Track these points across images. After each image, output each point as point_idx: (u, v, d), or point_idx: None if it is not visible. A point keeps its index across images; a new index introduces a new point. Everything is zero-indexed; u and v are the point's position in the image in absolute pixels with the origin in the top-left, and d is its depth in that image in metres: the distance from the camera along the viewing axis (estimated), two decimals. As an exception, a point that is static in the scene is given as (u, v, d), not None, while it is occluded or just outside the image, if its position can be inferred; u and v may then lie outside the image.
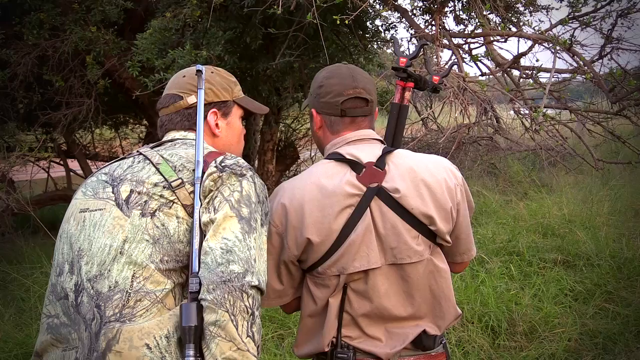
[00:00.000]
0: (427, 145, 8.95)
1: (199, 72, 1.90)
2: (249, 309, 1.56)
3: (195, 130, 1.90)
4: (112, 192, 1.74)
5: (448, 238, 1.97)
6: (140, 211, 1.68)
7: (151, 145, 1.92)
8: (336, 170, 1.93)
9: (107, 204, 1.72)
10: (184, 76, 1.98)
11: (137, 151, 1.88)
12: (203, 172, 1.71)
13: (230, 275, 1.55)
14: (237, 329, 1.53)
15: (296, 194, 1.93)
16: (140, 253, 1.64)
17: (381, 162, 1.93)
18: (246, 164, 1.79)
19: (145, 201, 1.70)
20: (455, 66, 5.84)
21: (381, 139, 2.06)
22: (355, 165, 1.93)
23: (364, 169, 1.92)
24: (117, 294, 1.60)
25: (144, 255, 1.64)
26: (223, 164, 1.74)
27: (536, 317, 4.73)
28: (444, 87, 5.49)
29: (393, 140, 2.31)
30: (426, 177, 1.92)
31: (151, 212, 1.68)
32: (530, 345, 4.44)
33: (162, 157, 1.79)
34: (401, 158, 1.97)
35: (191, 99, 1.96)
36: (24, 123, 8.08)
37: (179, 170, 1.75)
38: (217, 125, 2.00)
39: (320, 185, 1.91)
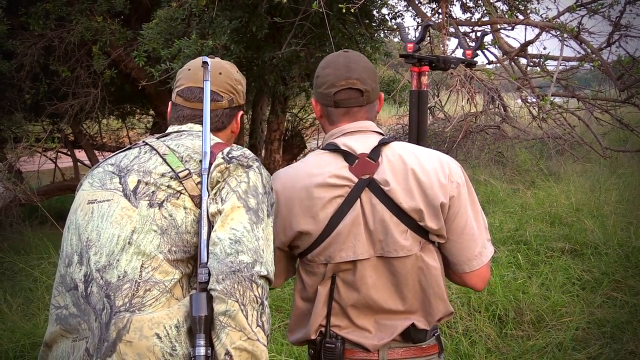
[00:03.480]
0: (433, 134, 8.92)
1: (204, 64, 1.89)
2: (258, 299, 1.56)
3: (219, 131, 1.95)
4: (120, 183, 1.74)
5: (443, 234, 1.94)
6: (148, 202, 1.69)
7: (157, 135, 1.92)
8: (329, 161, 1.95)
9: (115, 194, 1.73)
10: (220, 73, 1.95)
11: (143, 141, 1.88)
12: (210, 164, 1.72)
13: (239, 266, 1.56)
14: (247, 319, 1.54)
15: (287, 182, 1.97)
16: (148, 243, 1.64)
17: (375, 153, 1.93)
18: (252, 155, 1.79)
19: (153, 192, 1.70)
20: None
21: (380, 130, 2.03)
22: (348, 155, 1.93)
23: (356, 160, 1.92)
24: (127, 284, 1.61)
25: (152, 245, 1.64)
26: (230, 155, 1.74)
27: (543, 306, 4.72)
28: (450, 75, 5.47)
29: (418, 127, 2.28)
30: (416, 170, 1.90)
31: (159, 202, 1.69)
32: (538, 335, 4.43)
33: (169, 148, 1.79)
34: (395, 150, 1.95)
35: (231, 101, 1.97)
36: (31, 114, 8.10)
37: (186, 161, 1.75)
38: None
39: (311, 175, 1.93)
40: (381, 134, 2.03)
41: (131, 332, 1.56)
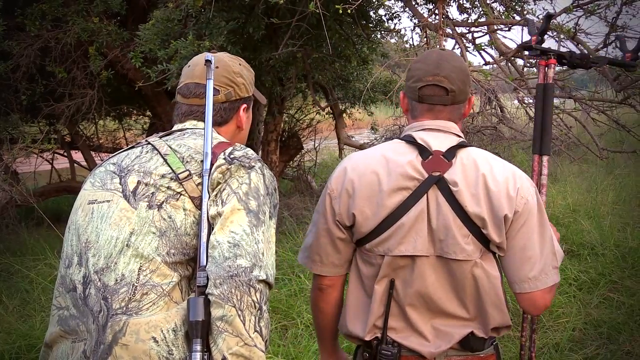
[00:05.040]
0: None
1: (207, 62, 1.85)
2: (256, 304, 1.54)
3: (220, 126, 1.93)
4: (120, 184, 1.72)
5: (504, 247, 1.89)
6: (147, 203, 1.67)
7: (160, 134, 1.90)
8: (404, 150, 1.93)
9: (115, 195, 1.71)
10: (217, 67, 1.91)
11: (146, 140, 1.86)
12: (211, 164, 1.69)
13: (237, 270, 1.54)
14: (244, 324, 1.52)
15: (359, 164, 1.95)
16: (146, 246, 1.63)
17: (450, 153, 1.90)
18: (255, 155, 1.76)
19: (152, 193, 1.68)
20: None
21: (460, 134, 1.99)
22: (423, 150, 1.91)
23: (430, 156, 1.89)
24: (124, 287, 1.60)
25: (151, 247, 1.63)
26: (232, 156, 1.72)
27: (540, 306, 4.72)
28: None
29: (542, 122, 2.26)
30: (487, 177, 1.86)
31: (158, 204, 1.67)
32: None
33: (170, 148, 1.77)
34: (471, 154, 1.92)
35: (228, 95, 1.93)
36: (27, 115, 8.09)
37: (187, 162, 1.73)
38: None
39: (387, 158, 1.92)
40: (461, 136, 1.98)
41: (127, 335, 1.55)
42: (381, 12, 7.66)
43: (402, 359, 1.93)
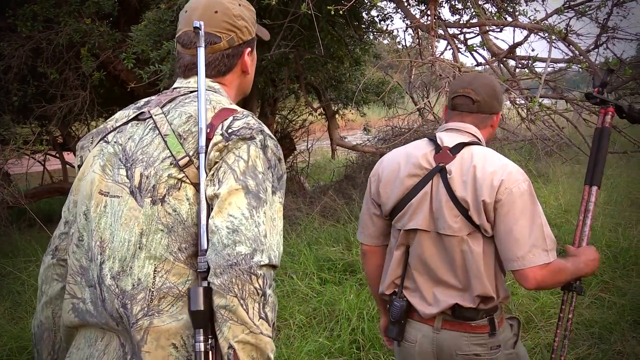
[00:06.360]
0: (423, 136, 8.91)
1: (196, 29, 1.71)
2: (259, 290, 1.49)
3: (224, 75, 1.86)
4: (127, 177, 1.66)
5: (486, 228, 2.22)
6: (151, 198, 1.61)
7: (164, 100, 1.79)
8: (423, 146, 2.39)
9: (123, 191, 1.65)
10: (216, 12, 1.80)
11: (149, 112, 1.76)
12: (209, 140, 1.61)
13: (237, 258, 1.48)
14: (247, 313, 1.48)
15: (391, 155, 2.48)
16: (157, 245, 1.59)
17: (456, 148, 2.31)
18: (257, 124, 1.67)
19: (154, 185, 1.62)
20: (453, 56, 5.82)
21: (478, 136, 2.39)
22: (437, 145, 2.35)
23: (440, 150, 2.32)
24: (141, 293, 1.57)
25: (162, 246, 1.59)
26: (230, 131, 1.63)
27: (532, 307, 4.74)
28: (439, 77, 5.47)
29: (596, 158, 2.62)
30: (477, 167, 2.23)
31: (160, 197, 1.61)
32: (527, 335, 4.45)
33: (171, 127, 1.68)
34: (472, 149, 2.30)
35: (231, 41, 1.83)
36: (19, 116, 8.07)
37: (184, 139, 1.64)
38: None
39: (408, 152, 2.41)
40: (478, 138, 2.39)
41: (149, 342, 1.55)
42: (373, 13, 7.69)
43: (411, 314, 2.38)
